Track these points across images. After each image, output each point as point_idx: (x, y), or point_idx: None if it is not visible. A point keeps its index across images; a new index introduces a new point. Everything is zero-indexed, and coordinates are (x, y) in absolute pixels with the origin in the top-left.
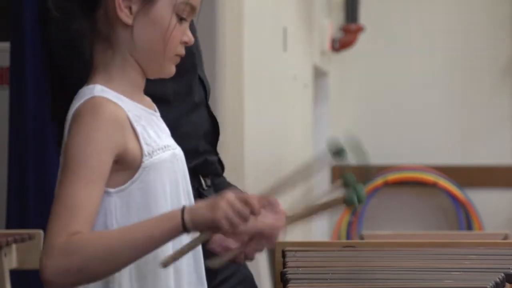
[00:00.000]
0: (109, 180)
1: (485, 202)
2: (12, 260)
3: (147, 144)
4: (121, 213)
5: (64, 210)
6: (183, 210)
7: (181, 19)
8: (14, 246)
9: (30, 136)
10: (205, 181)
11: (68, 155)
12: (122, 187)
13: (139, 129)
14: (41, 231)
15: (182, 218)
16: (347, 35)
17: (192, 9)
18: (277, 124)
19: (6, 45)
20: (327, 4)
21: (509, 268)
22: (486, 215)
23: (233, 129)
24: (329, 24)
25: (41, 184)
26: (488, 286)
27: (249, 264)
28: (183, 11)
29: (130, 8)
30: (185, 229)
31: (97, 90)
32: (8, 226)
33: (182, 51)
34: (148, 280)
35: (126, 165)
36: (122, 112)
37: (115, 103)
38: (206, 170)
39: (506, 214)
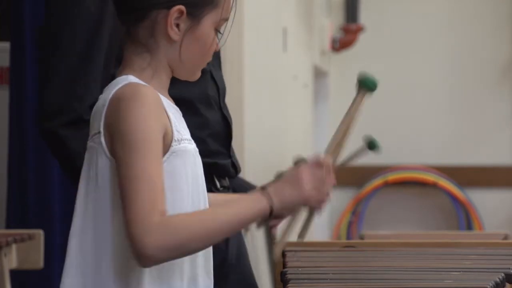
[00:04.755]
0: None
1: (485, 202)
2: (12, 260)
3: (177, 130)
4: None
5: (144, 187)
6: (268, 195)
7: (217, 31)
8: (14, 246)
9: (30, 136)
10: (219, 181)
11: (126, 137)
12: None
13: (171, 115)
14: (41, 231)
15: (270, 200)
16: (347, 35)
17: (226, 21)
18: (277, 124)
19: (6, 45)
20: (327, 4)
21: (509, 268)
22: (486, 215)
23: (234, 129)
24: (329, 24)
25: (41, 184)
26: (488, 286)
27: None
28: (222, 25)
29: (178, 25)
30: (271, 211)
31: (131, 78)
32: (8, 226)
33: (211, 58)
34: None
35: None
36: (159, 96)
37: (153, 89)
38: (217, 172)
39: (506, 214)
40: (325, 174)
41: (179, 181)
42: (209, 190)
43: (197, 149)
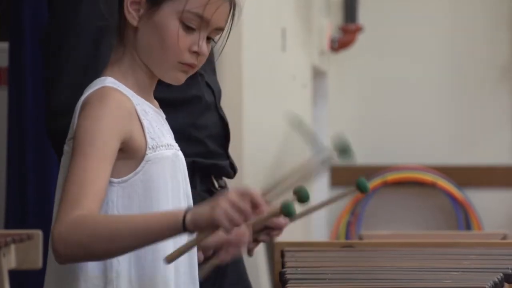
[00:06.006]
0: (113, 169)
1: (484, 202)
2: (11, 260)
3: (151, 138)
4: (122, 203)
5: (73, 186)
6: (186, 210)
7: (188, 28)
8: (13, 246)
9: (30, 136)
10: (217, 181)
11: (76, 139)
12: (125, 178)
13: (145, 122)
14: (40, 232)
15: (184, 218)
16: (346, 35)
17: (204, 20)
18: (276, 124)
19: (5, 45)
20: (326, 4)
21: (507, 268)
22: (485, 215)
23: (232, 129)
24: (328, 24)
25: (40, 184)
26: (486, 286)
27: (249, 264)
28: (191, 20)
29: (138, 11)
30: (185, 229)
31: (109, 81)
32: (7, 226)
33: (190, 60)
34: (146, 270)
35: (130, 155)
36: (130, 102)
37: (124, 94)
38: (216, 173)
39: (505, 214)
40: (246, 205)
41: (157, 189)
42: (208, 190)
43: (178, 154)
